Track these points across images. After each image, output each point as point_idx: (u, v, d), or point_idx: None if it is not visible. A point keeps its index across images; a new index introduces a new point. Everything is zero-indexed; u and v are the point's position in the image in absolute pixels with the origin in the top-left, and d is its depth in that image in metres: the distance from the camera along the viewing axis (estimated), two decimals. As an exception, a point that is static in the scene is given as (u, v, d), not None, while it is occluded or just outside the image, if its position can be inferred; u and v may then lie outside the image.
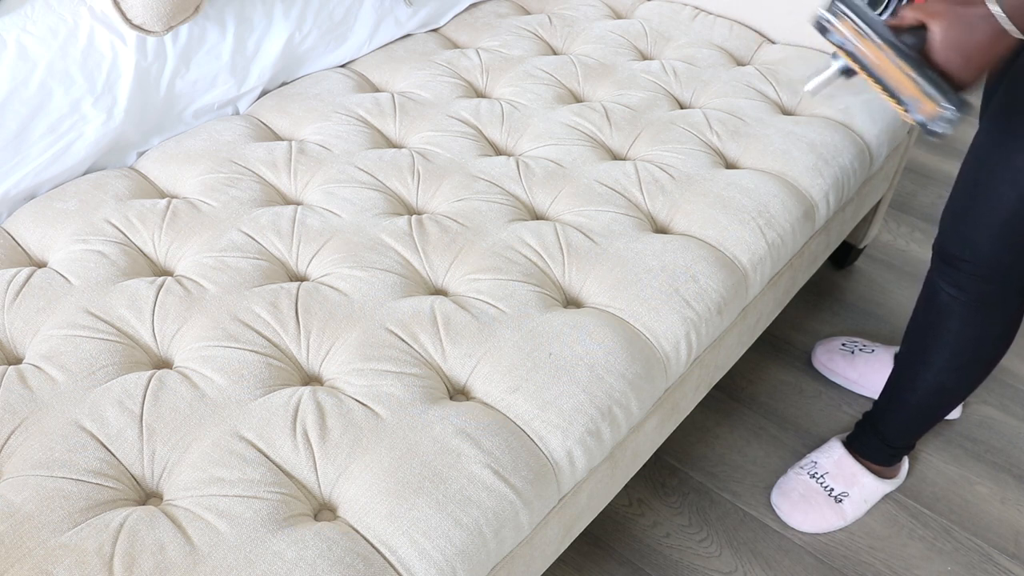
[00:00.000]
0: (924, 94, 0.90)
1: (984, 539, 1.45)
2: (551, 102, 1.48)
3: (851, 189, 1.43)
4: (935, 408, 1.34)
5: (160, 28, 1.28)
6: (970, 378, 1.27)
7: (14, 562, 0.81)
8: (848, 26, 0.94)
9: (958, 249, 1.15)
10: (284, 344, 1.04)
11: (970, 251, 1.14)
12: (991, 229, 1.10)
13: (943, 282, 1.20)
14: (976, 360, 1.25)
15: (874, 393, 1.65)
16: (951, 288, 1.19)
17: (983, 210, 1.10)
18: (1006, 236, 1.09)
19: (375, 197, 1.25)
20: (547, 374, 1.02)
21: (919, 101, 0.91)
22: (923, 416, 1.36)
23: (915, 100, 0.91)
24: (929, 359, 1.27)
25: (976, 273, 1.15)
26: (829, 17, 0.96)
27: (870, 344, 1.69)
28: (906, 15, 0.94)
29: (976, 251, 1.13)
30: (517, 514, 0.92)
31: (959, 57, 0.90)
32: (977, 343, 1.22)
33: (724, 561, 1.40)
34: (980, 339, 1.22)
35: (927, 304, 1.25)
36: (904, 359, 1.33)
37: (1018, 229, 1.08)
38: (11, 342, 1.05)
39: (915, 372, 1.30)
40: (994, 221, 1.09)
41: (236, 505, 0.87)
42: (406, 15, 1.64)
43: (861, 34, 0.93)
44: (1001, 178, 1.06)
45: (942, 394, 1.30)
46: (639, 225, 1.24)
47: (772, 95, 1.54)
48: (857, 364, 1.66)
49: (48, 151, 1.24)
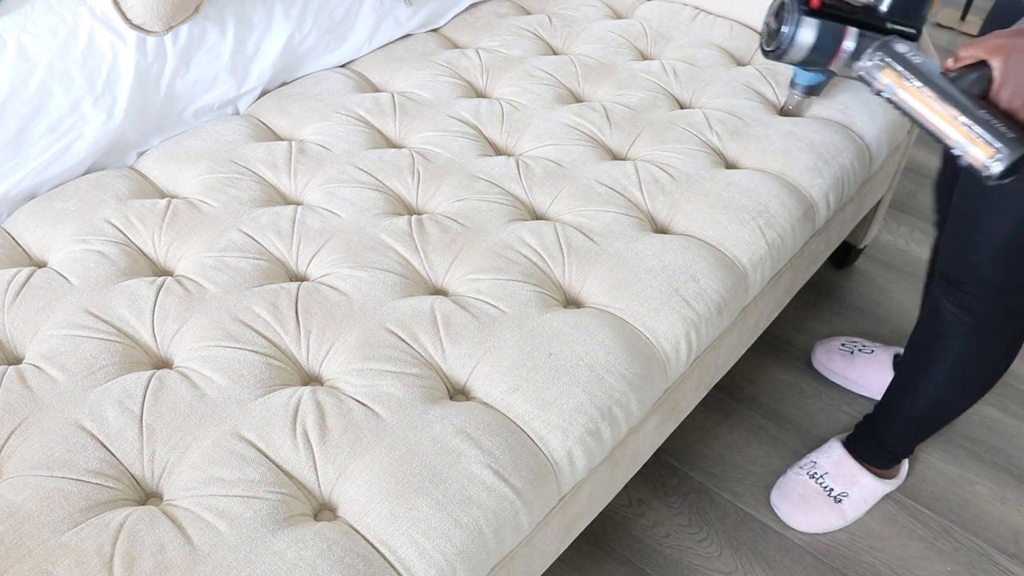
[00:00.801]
0: (976, 138, 0.83)
1: (984, 539, 1.45)
2: (551, 102, 1.48)
3: (851, 189, 1.43)
4: (933, 419, 1.34)
5: (160, 28, 1.28)
6: (970, 393, 1.27)
7: (14, 562, 0.81)
8: (889, 74, 0.89)
9: (960, 272, 1.14)
10: (284, 344, 1.04)
11: (971, 274, 1.12)
12: (989, 254, 1.07)
13: (946, 300, 1.19)
14: (976, 377, 1.24)
15: (873, 393, 1.65)
16: (954, 308, 1.18)
17: (981, 236, 1.07)
18: (1005, 261, 1.07)
19: (375, 197, 1.25)
20: (547, 374, 1.02)
21: (970, 145, 0.84)
22: (921, 426, 1.36)
23: (964, 144, 0.84)
24: (930, 372, 1.26)
25: (979, 295, 1.14)
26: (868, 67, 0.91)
27: (869, 344, 1.69)
28: (962, 54, 0.87)
29: (977, 274, 1.11)
30: (517, 514, 0.92)
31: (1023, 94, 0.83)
32: (978, 361, 1.22)
33: (724, 561, 1.40)
34: (981, 358, 1.21)
35: (930, 319, 1.24)
36: (905, 369, 1.33)
37: (1016, 254, 1.05)
38: (11, 342, 1.05)
39: (915, 383, 1.30)
40: (992, 246, 1.06)
41: (236, 505, 0.87)
42: (406, 15, 1.64)
43: (903, 80, 0.88)
44: (996, 204, 1.03)
45: (941, 407, 1.30)
46: (639, 225, 1.24)
47: (772, 95, 1.54)
48: (856, 364, 1.66)
49: (48, 151, 1.24)
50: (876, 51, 0.91)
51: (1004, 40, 0.84)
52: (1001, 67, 0.84)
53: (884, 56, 0.90)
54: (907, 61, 0.89)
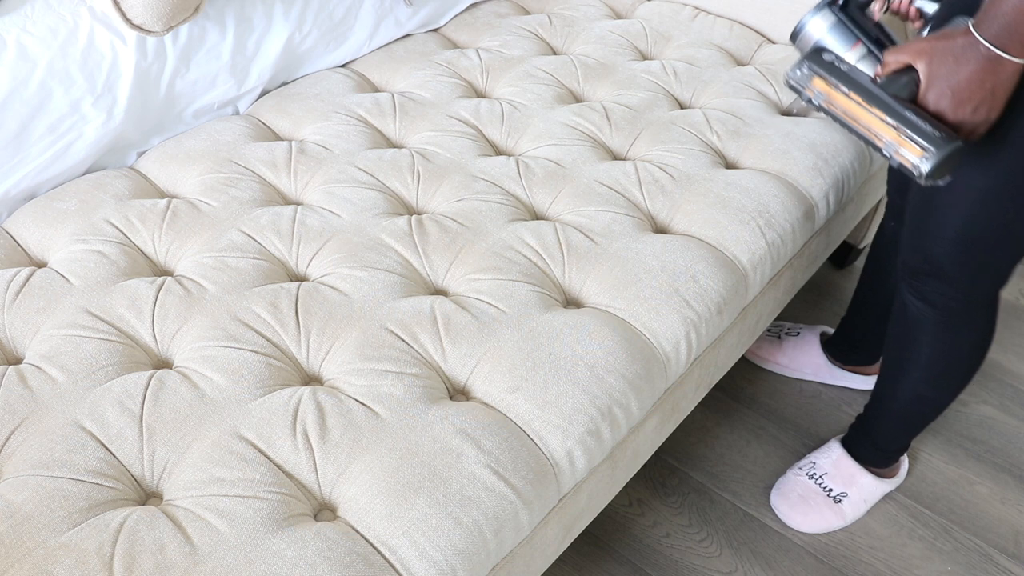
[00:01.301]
0: (905, 139, 0.85)
1: (984, 539, 1.45)
2: (551, 102, 1.48)
3: (851, 189, 1.43)
4: (919, 415, 1.34)
5: (160, 28, 1.28)
6: (949, 387, 1.27)
7: (14, 562, 0.81)
8: (819, 83, 0.91)
9: (920, 263, 1.13)
10: (284, 344, 1.04)
11: (930, 264, 1.11)
12: (946, 242, 1.07)
13: (911, 295, 1.18)
14: (950, 371, 1.24)
15: (806, 376, 1.66)
16: (919, 302, 1.17)
17: (938, 222, 1.07)
18: (962, 248, 1.06)
19: (375, 197, 1.25)
20: (547, 374, 1.02)
21: (899, 147, 0.86)
22: (908, 422, 1.36)
23: (895, 146, 0.86)
24: (905, 369, 1.27)
25: (938, 287, 1.13)
26: (796, 76, 0.93)
27: (795, 326, 1.70)
28: (889, 59, 0.90)
29: (935, 264, 1.11)
30: (517, 514, 0.92)
31: (950, 95, 0.85)
32: (949, 355, 1.21)
33: (724, 561, 1.40)
34: (951, 352, 1.21)
35: (900, 316, 1.24)
36: (884, 369, 1.33)
37: (973, 243, 1.05)
38: (11, 342, 1.05)
39: (895, 381, 1.30)
40: (948, 234, 1.06)
41: (236, 505, 0.87)
42: (406, 15, 1.64)
43: (833, 88, 0.90)
44: (953, 189, 1.02)
45: (922, 403, 1.30)
46: (639, 225, 1.24)
47: (772, 95, 1.54)
48: (785, 349, 1.67)
49: (48, 151, 1.24)
50: (804, 60, 0.93)
51: (927, 44, 0.86)
52: (926, 70, 0.86)
53: (812, 65, 0.92)
54: (835, 69, 0.91)
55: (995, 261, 1.07)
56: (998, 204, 1.00)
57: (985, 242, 1.04)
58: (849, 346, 1.62)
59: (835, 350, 1.64)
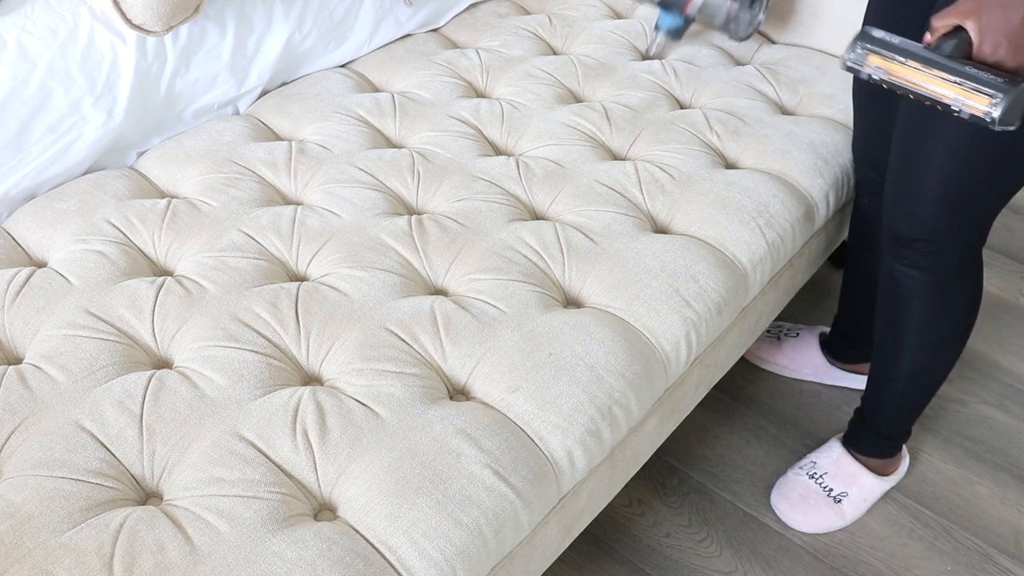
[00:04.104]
0: (972, 92, 0.89)
1: (984, 539, 1.45)
2: (551, 102, 1.48)
3: (851, 189, 1.43)
4: (921, 391, 1.35)
5: (160, 28, 1.28)
6: (946, 353, 1.28)
7: (14, 562, 0.81)
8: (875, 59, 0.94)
9: (906, 227, 1.15)
10: (284, 344, 1.04)
11: (917, 227, 1.13)
12: (931, 201, 1.09)
13: (900, 265, 1.20)
14: (948, 336, 1.25)
15: (806, 376, 1.66)
16: (909, 269, 1.19)
17: (921, 183, 1.09)
18: (948, 204, 1.08)
19: (375, 197, 1.25)
20: (547, 374, 1.02)
21: (967, 100, 0.89)
22: (911, 401, 1.37)
23: (962, 100, 0.89)
24: (901, 344, 1.27)
25: (928, 250, 1.15)
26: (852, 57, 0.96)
27: (794, 327, 1.70)
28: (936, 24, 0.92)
29: (922, 225, 1.12)
30: (517, 514, 0.92)
31: (1006, 43, 0.88)
32: (944, 318, 1.23)
33: (724, 561, 1.40)
34: (946, 314, 1.22)
35: (888, 293, 1.25)
36: (879, 350, 1.34)
37: (959, 196, 1.07)
38: (11, 342, 1.05)
39: (893, 360, 1.31)
40: (932, 192, 1.08)
41: (236, 505, 0.87)
42: (406, 15, 1.64)
43: (889, 61, 0.93)
44: (933, 147, 1.04)
45: (924, 375, 1.31)
46: (639, 225, 1.24)
47: (772, 95, 1.54)
48: (785, 349, 1.67)
49: (48, 151, 1.24)
50: (856, 41, 0.96)
51: (972, 2, 0.89)
52: (976, 26, 0.89)
53: (865, 44, 0.95)
54: (888, 43, 0.95)
55: (979, 213, 1.11)
56: (979, 156, 1.03)
57: (969, 195, 1.07)
58: (846, 342, 1.62)
59: (833, 349, 1.64)
